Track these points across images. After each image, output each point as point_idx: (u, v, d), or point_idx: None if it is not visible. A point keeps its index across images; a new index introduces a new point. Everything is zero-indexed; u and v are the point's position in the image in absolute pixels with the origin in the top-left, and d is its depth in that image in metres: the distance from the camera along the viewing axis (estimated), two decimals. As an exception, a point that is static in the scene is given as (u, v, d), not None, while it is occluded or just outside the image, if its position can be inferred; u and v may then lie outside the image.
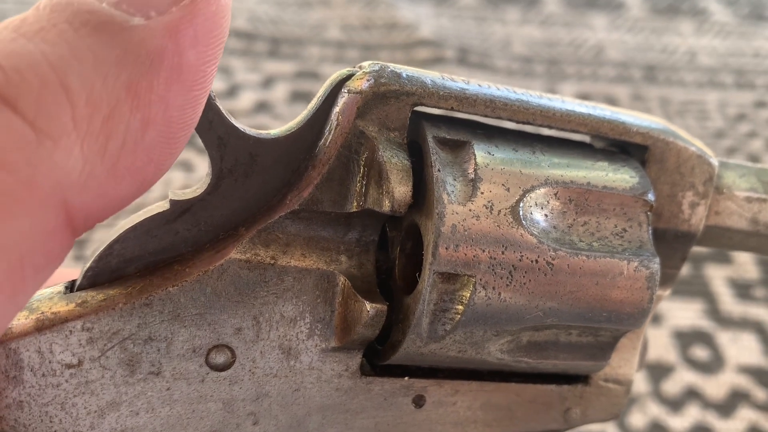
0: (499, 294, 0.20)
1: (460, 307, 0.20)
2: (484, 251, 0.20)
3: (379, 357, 0.22)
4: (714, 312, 0.59)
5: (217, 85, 0.77)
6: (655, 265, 0.22)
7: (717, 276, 0.61)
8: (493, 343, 0.21)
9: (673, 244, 0.24)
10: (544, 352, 0.22)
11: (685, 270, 0.62)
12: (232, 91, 0.77)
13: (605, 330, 0.22)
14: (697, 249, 0.71)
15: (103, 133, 0.15)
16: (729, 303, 0.59)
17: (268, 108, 0.75)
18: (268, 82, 0.79)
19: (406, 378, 0.22)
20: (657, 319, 0.58)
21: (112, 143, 0.15)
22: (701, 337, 0.57)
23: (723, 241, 0.25)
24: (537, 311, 0.20)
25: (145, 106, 0.16)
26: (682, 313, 0.58)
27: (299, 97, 0.76)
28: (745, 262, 0.63)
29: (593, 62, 0.84)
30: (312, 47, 0.84)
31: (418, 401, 0.22)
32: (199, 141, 0.19)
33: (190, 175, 0.63)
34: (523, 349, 0.22)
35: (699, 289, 0.60)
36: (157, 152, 0.16)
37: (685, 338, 0.57)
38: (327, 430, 0.22)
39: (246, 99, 0.76)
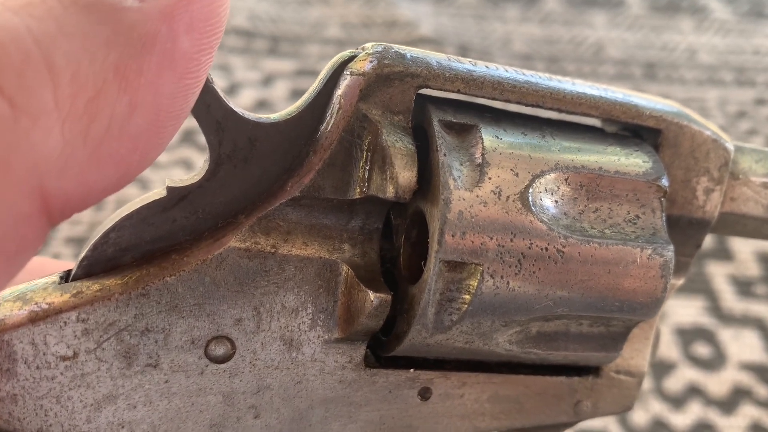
0: (508, 283, 0.19)
1: (467, 296, 0.19)
2: (491, 239, 0.19)
3: (383, 348, 0.21)
4: (715, 309, 0.58)
5: (218, 82, 0.77)
6: (669, 252, 0.21)
7: (718, 273, 0.61)
8: (502, 334, 0.21)
9: (687, 231, 0.23)
10: (553, 343, 0.21)
11: (686, 267, 0.61)
12: (232, 89, 0.77)
13: (617, 320, 0.21)
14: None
15: (86, 115, 0.15)
16: (730, 300, 0.59)
17: (268, 106, 0.75)
18: (268, 80, 0.79)
19: (412, 370, 0.21)
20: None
21: (95, 126, 0.15)
22: (703, 334, 0.57)
23: (738, 228, 0.25)
24: (547, 300, 0.20)
25: (133, 89, 0.15)
26: (683, 310, 0.58)
27: (299, 95, 0.75)
28: (747, 260, 0.63)
29: (593, 60, 0.84)
30: (312, 45, 0.84)
31: (424, 394, 0.22)
32: (200, 139, 0.19)
33: (191, 173, 0.63)
34: (532, 339, 0.21)
35: (700, 286, 0.60)
36: (143, 140, 0.16)
37: (687, 335, 0.56)
38: (330, 423, 0.21)
39: (246, 97, 0.76)
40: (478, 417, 0.23)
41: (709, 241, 0.64)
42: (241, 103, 0.75)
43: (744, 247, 0.63)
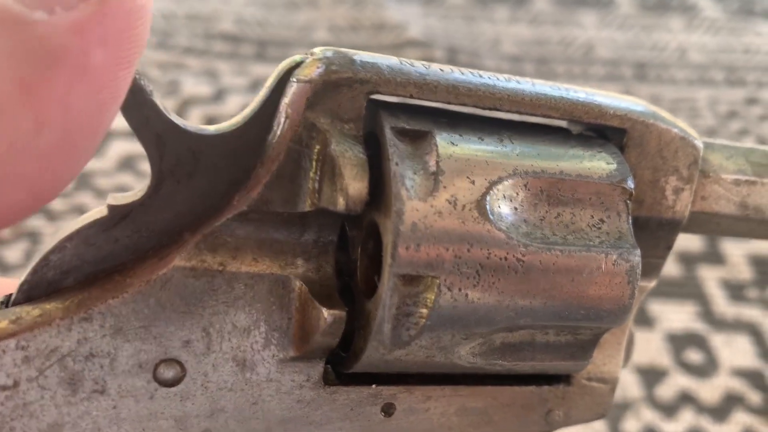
0: (466, 295, 0.19)
1: (425, 310, 0.19)
2: (448, 250, 0.18)
3: (343, 365, 0.20)
4: (707, 314, 0.58)
5: (204, 89, 0.77)
6: (636, 257, 0.20)
7: (710, 277, 0.60)
8: (464, 347, 0.20)
9: (656, 232, 0.23)
10: (519, 354, 0.21)
11: (678, 271, 0.61)
12: (219, 95, 0.76)
13: (584, 328, 0.21)
14: (689, 250, 0.70)
15: None
16: (722, 305, 0.58)
17: (255, 111, 0.74)
18: (255, 86, 0.78)
19: (374, 386, 0.21)
20: (650, 322, 0.57)
21: None
22: (695, 340, 0.56)
23: (710, 227, 0.24)
24: (508, 312, 0.19)
25: (40, 106, 0.14)
26: (675, 315, 0.58)
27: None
28: (739, 263, 0.62)
29: (583, 61, 0.84)
30: (299, 49, 0.82)
31: (388, 409, 0.21)
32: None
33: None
34: (496, 351, 0.20)
35: (692, 291, 0.59)
36: (54, 159, 0.15)
37: (679, 341, 0.56)
38: None
39: (233, 103, 0.75)
40: (445, 431, 0.22)
41: (700, 244, 0.63)
42: (228, 109, 0.74)
43: (736, 251, 0.63)
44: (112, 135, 0.69)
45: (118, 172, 0.66)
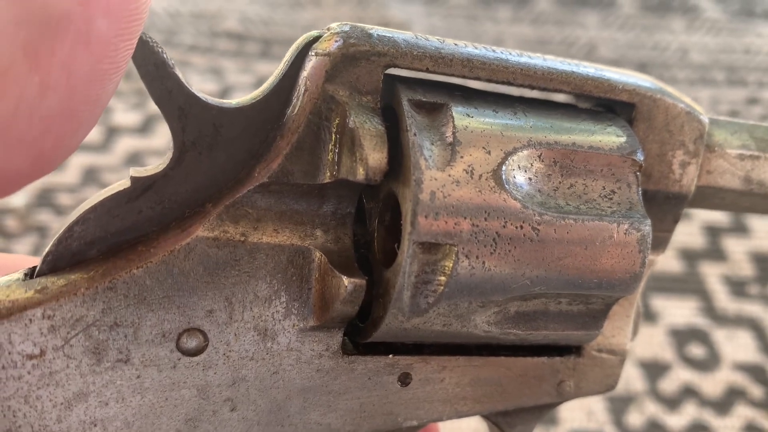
0: (483, 263, 0.19)
1: (443, 278, 0.19)
2: (465, 218, 0.19)
3: (361, 335, 0.21)
4: (709, 310, 0.58)
5: (209, 86, 0.77)
6: (647, 227, 0.20)
7: (712, 273, 0.61)
8: (480, 315, 0.20)
9: (663, 206, 0.23)
10: (533, 323, 0.21)
11: (680, 267, 0.61)
12: (225, 93, 0.77)
13: (596, 297, 0.21)
14: (692, 246, 0.70)
15: None
16: (724, 300, 0.59)
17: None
18: (260, 83, 0.78)
19: (391, 356, 0.21)
20: (652, 317, 0.57)
21: (2, 106, 0.14)
22: (697, 335, 0.56)
23: (716, 201, 0.24)
24: (524, 280, 0.19)
25: (44, 70, 0.15)
26: (677, 311, 0.58)
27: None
28: (740, 260, 0.62)
29: (585, 61, 0.84)
30: (303, 48, 0.83)
31: (404, 379, 0.21)
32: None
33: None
34: (511, 320, 0.21)
35: (694, 287, 0.60)
36: (57, 124, 0.15)
37: (681, 336, 0.56)
38: (309, 413, 0.21)
39: (237, 100, 0.76)
40: (459, 401, 0.22)
41: (702, 241, 0.63)
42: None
43: (737, 247, 0.63)
44: (119, 131, 0.69)
45: (125, 168, 0.67)
